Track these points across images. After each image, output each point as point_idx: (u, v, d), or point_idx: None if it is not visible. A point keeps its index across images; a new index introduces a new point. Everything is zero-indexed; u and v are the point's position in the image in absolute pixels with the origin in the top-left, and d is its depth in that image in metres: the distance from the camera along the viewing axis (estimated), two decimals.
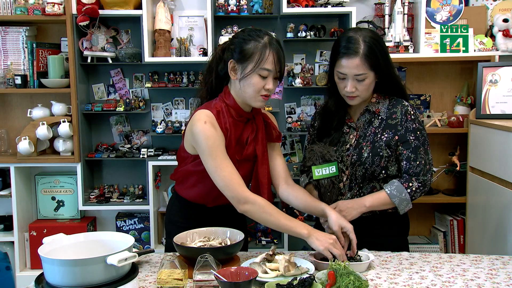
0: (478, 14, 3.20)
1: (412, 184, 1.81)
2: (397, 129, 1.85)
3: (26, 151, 2.98)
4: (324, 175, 1.81)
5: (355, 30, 1.86)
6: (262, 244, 3.13)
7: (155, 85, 3.14)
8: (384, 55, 1.82)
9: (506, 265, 1.68)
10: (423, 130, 1.86)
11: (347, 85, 1.81)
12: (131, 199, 3.18)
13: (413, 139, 1.83)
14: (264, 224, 1.71)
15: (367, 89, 1.83)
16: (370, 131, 1.88)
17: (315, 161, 1.82)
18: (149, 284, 1.54)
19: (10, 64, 3.09)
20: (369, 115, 1.90)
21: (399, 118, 1.85)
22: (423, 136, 1.85)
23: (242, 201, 1.66)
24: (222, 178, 1.68)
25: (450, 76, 3.27)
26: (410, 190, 1.81)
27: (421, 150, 1.83)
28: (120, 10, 3.01)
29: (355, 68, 1.77)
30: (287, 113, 3.29)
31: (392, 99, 1.91)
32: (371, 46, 1.77)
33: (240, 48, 1.73)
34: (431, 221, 3.36)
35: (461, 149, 3.14)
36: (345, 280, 1.42)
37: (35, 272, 2.70)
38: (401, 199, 1.80)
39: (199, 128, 1.70)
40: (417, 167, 1.82)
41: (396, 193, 1.80)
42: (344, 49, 1.79)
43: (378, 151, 1.84)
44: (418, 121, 1.86)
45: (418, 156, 1.82)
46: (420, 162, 1.82)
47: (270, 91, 1.74)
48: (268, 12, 3.09)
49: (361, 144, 1.87)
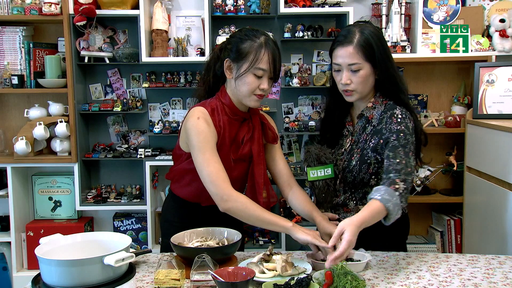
0: (475, 14, 3.20)
1: (399, 186, 1.63)
2: (382, 133, 1.77)
3: (23, 151, 2.97)
4: (319, 176, 1.80)
5: (356, 24, 1.85)
6: (259, 244, 3.13)
7: (152, 85, 3.14)
8: (382, 49, 1.77)
9: (503, 265, 1.69)
10: (408, 135, 1.72)
11: (342, 77, 1.78)
12: (128, 199, 3.18)
13: (394, 139, 1.71)
14: (247, 221, 1.71)
15: (363, 83, 1.77)
16: (363, 137, 1.85)
17: (310, 163, 1.81)
18: (147, 284, 1.53)
19: (7, 64, 3.08)
20: (364, 121, 1.86)
21: (385, 121, 1.78)
22: (405, 139, 1.71)
23: (225, 198, 1.67)
24: (208, 173, 1.69)
25: (447, 76, 3.28)
26: (399, 193, 1.62)
27: (399, 150, 1.69)
28: (117, 10, 3.00)
29: (348, 57, 1.74)
30: (285, 113, 3.29)
31: (387, 105, 1.83)
32: (367, 37, 1.74)
33: (236, 47, 1.74)
34: (428, 221, 3.37)
35: (458, 149, 3.15)
36: (342, 280, 1.42)
37: (32, 273, 2.69)
38: (393, 203, 1.60)
39: (191, 123, 1.72)
40: (398, 164, 1.66)
41: (388, 197, 1.60)
42: (340, 38, 1.78)
43: (366, 158, 1.80)
44: (406, 125, 1.73)
45: (397, 155, 1.68)
46: (400, 161, 1.67)
47: (265, 91, 1.74)
48: (266, 12, 3.09)
49: (353, 151, 1.85)
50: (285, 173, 1.92)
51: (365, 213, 1.57)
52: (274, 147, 1.93)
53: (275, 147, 1.94)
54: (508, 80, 2.84)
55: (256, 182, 1.83)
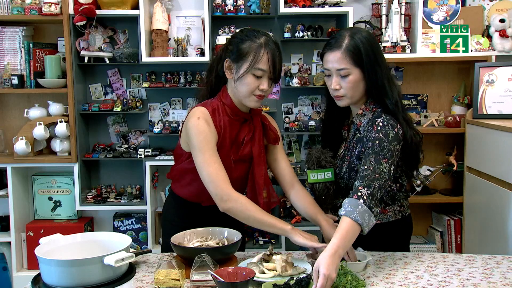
0: (475, 14, 3.20)
1: (361, 193, 1.57)
2: (363, 141, 1.74)
3: (23, 151, 2.97)
4: (319, 179, 1.80)
5: (348, 28, 1.83)
6: (259, 244, 3.13)
7: (152, 85, 3.14)
8: (372, 54, 1.72)
9: (500, 265, 1.69)
10: (384, 142, 1.65)
11: (332, 82, 1.76)
12: (128, 199, 3.18)
13: (369, 147, 1.67)
14: (246, 222, 1.71)
15: (352, 88, 1.74)
16: (351, 144, 1.83)
17: (310, 166, 1.81)
18: (147, 284, 1.54)
19: (7, 64, 3.08)
20: (354, 128, 1.84)
21: (366, 129, 1.75)
22: (380, 147, 1.65)
23: (224, 198, 1.67)
24: (208, 173, 1.69)
25: (447, 76, 3.28)
26: (363, 200, 1.55)
27: (370, 158, 1.64)
28: (117, 10, 3.00)
29: (337, 62, 1.72)
30: (285, 113, 3.29)
31: (375, 113, 1.77)
32: (356, 42, 1.71)
33: (236, 48, 1.74)
34: (428, 221, 3.37)
35: (458, 149, 3.15)
36: (342, 280, 1.43)
37: (32, 273, 2.68)
38: (360, 212, 1.53)
39: (192, 123, 1.73)
40: (364, 171, 1.62)
41: (352, 209, 1.54)
42: (329, 43, 1.76)
43: (352, 166, 1.79)
44: (385, 133, 1.67)
45: (367, 162, 1.64)
46: (367, 167, 1.62)
47: (265, 91, 1.74)
48: (266, 12, 3.09)
49: (345, 157, 1.84)
50: (288, 173, 1.91)
51: (336, 240, 1.49)
52: (276, 147, 1.93)
53: (277, 147, 1.93)
54: (508, 80, 2.84)
55: (256, 183, 1.83)
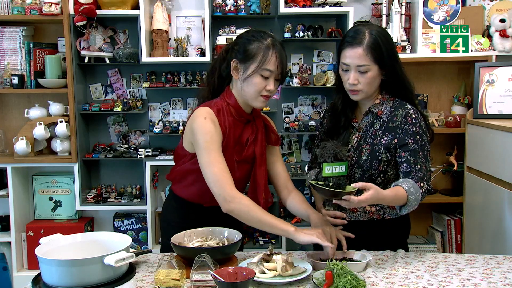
0: (475, 14, 3.20)
1: (423, 185, 1.71)
2: (396, 132, 1.79)
3: (23, 151, 2.97)
4: (333, 173, 1.80)
5: (364, 24, 1.85)
6: (259, 244, 3.14)
7: (152, 85, 3.14)
8: (390, 51, 1.79)
9: (501, 265, 1.69)
10: (423, 135, 1.78)
11: (350, 77, 1.79)
12: (128, 199, 3.18)
13: (412, 143, 1.76)
14: (249, 223, 1.70)
15: (370, 84, 1.79)
16: (371, 133, 1.85)
17: (327, 158, 1.80)
18: (147, 284, 1.54)
19: (7, 64, 3.08)
20: (371, 117, 1.87)
21: (399, 121, 1.80)
22: (422, 142, 1.77)
23: (228, 199, 1.66)
24: (212, 173, 1.69)
25: (447, 76, 3.28)
26: (421, 191, 1.70)
27: (420, 155, 1.75)
28: (118, 10, 3.00)
29: (358, 59, 1.75)
30: (285, 113, 3.29)
31: (396, 102, 1.86)
32: (376, 39, 1.75)
33: (243, 48, 1.75)
34: (429, 221, 3.37)
35: (458, 149, 3.15)
36: (343, 280, 1.43)
37: (32, 273, 2.69)
38: (415, 198, 1.68)
39: (198, 123, 1.73)
40: (419, 171, 1.73)
41: (413, 191, 1.67)
42: (349, 39, 1.78)
43: (377, 155, 1.81)
44: (420, 125, 1.79)
45: (418, 160, 1.74)
46: (421, 166, 1.74)
47: (271, 92, 1.76)
48: (266, 12, 3.10)
49: (361, 146, 1.85)
50: (283, 176, 1.94)
51: (390, 193, 1.64)
52: (275, 149, 1.95)
53: (276, 149, 1.95)
54: (508, 80, 2.84)
55: (257, 183, 1.84)
